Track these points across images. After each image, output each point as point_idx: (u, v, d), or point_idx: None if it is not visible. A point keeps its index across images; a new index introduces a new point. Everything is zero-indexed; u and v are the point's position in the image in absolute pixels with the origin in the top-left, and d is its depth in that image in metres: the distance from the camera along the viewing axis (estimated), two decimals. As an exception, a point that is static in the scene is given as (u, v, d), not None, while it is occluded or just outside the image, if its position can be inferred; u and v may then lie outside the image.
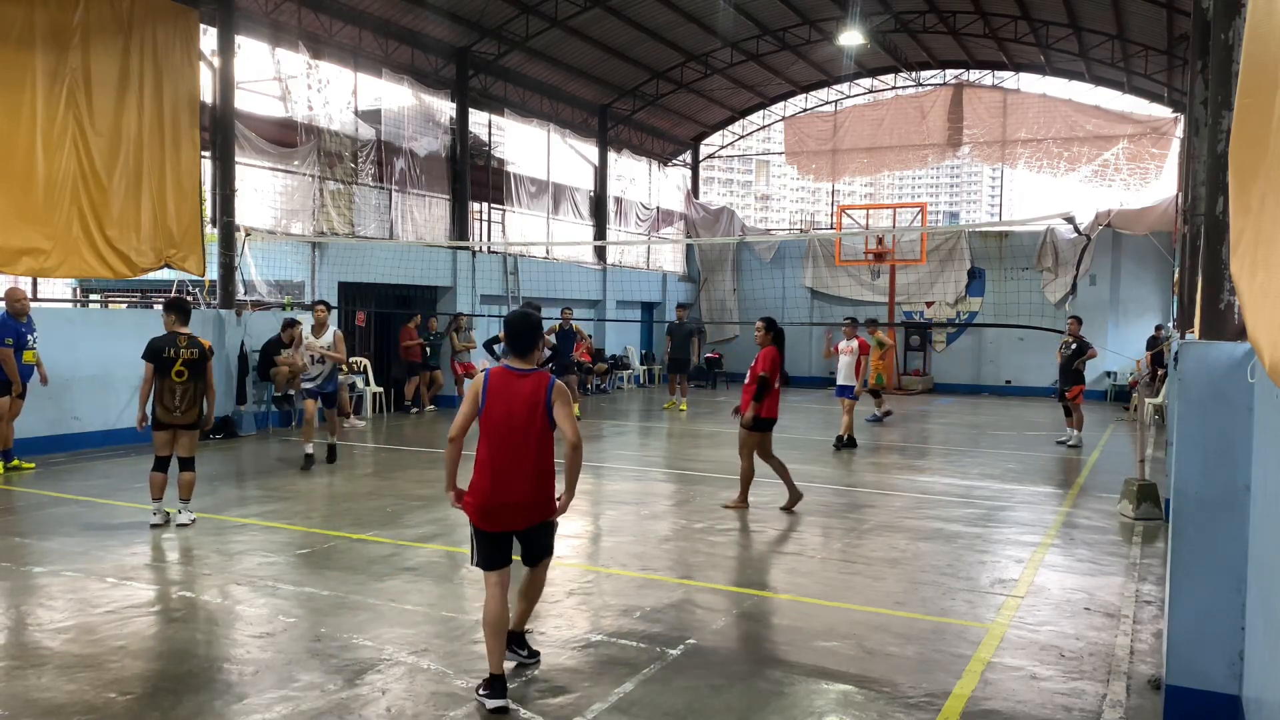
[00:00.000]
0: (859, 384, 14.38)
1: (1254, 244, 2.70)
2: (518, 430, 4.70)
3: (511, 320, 4.93)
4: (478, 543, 4.80)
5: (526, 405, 4.71)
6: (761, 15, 22.38)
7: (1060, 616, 6.15)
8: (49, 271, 12.46)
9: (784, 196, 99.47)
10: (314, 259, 16.27)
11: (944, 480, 11.35)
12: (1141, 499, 9.18)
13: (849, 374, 14.36)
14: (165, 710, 4.47)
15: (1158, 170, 23.96)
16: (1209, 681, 4.37)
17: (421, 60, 19.48)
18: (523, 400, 4.72)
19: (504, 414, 4.72)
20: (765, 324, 9.46)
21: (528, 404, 4.72)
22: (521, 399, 4.72)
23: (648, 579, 6.89)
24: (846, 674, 5.09)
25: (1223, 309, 4.64)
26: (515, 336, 4.87)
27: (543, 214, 23.40)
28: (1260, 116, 2.62)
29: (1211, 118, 4.88)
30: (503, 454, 4.69)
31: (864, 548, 7.93)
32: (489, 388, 4.76)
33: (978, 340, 25.32)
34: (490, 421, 4.73)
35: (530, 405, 4.71)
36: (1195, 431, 4.44)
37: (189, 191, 14.06)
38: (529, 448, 4.71)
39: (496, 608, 4.67)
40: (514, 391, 4.74)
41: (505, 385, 4.76)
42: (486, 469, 4.70)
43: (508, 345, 4.90)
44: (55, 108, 12.21)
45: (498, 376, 4.79)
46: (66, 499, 9.26)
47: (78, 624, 5.66)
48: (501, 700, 4.52)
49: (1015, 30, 22.51)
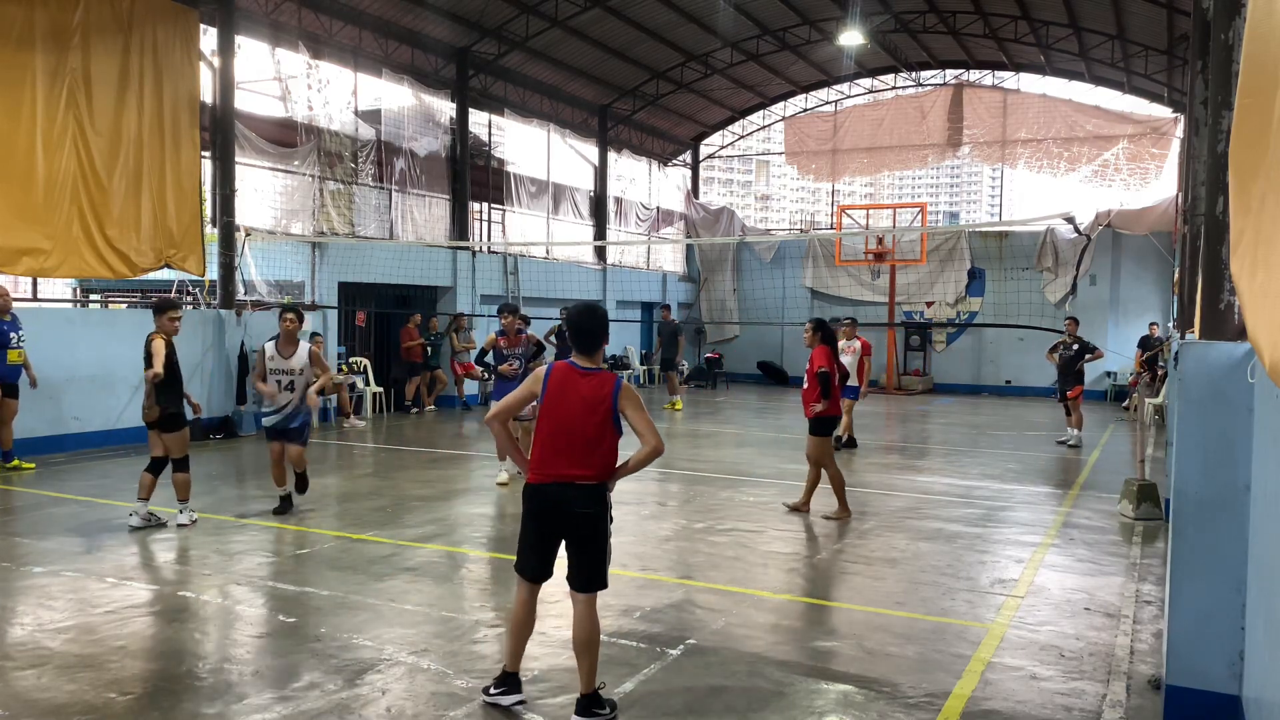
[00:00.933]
0: (864, 385, 14.21)
1: (1254, 244, 2.70)
2: (576, 432, 4.44)
3: (574, 316, 4.62)
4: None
5: (587, 406, 4.44)
6: (761, 15, 22.38)
7: (1060, 616, 6.15)
8: (49, 271, 12.46)
9: (784, 196, 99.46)
10: (314, 259, 16.27)
11: (944, 480, 11.35)
12: (1141, 499, 9.17)
13: (851, 375, 14.24)
14: (165, 710, 4.47)
15: (1158, 170, 23.97)
16: (1209, 681, 4.37)
17: (421, 60, 19.49)
18: (583, 400, 4.45)
19: (565, 413, 4.46)
20: (814, 325, 9.24)
21: (588, 404, 4.44)
22: (582, 399, 4.45)
23: (648, 579, 6.88)
24: (846, 674, 5.09)
25: (1223, 309, 4.64)
26: (580, 333, 4.58)
27: (543, 214, 23.40)
28: (1260, 116, 2.62)
29: (1211, 118, 4.88)
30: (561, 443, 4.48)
31: (864, 548, 7.93)
32: (548, 381, 4.51)
33: (978, 340, 25.33)
34: (550, 419, 4.49)
35: (591, 406, 4.44)
36: (1195, 431, 4.44)
37: (189, 191, 14.06)
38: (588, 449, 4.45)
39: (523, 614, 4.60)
40: (575, 390, 4.48)
41: (568, 382, 4.50)
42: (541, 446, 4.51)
43: (572, 342, 4.63)
44: (55, 108, 12.21)
45: (560, 371, 4.53)
46: (66, 499, 9.25)
47: (78, 624, 5.66)
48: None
49: (1015, 30, 22.51)
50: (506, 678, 4.60)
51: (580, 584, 4.46)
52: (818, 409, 8.90)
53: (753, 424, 17.60)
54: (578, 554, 4.47)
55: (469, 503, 9.64)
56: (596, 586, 4.47)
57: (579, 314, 4.60)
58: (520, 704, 4.55)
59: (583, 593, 4.46)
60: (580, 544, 4.46)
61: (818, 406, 8.90)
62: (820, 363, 8.93)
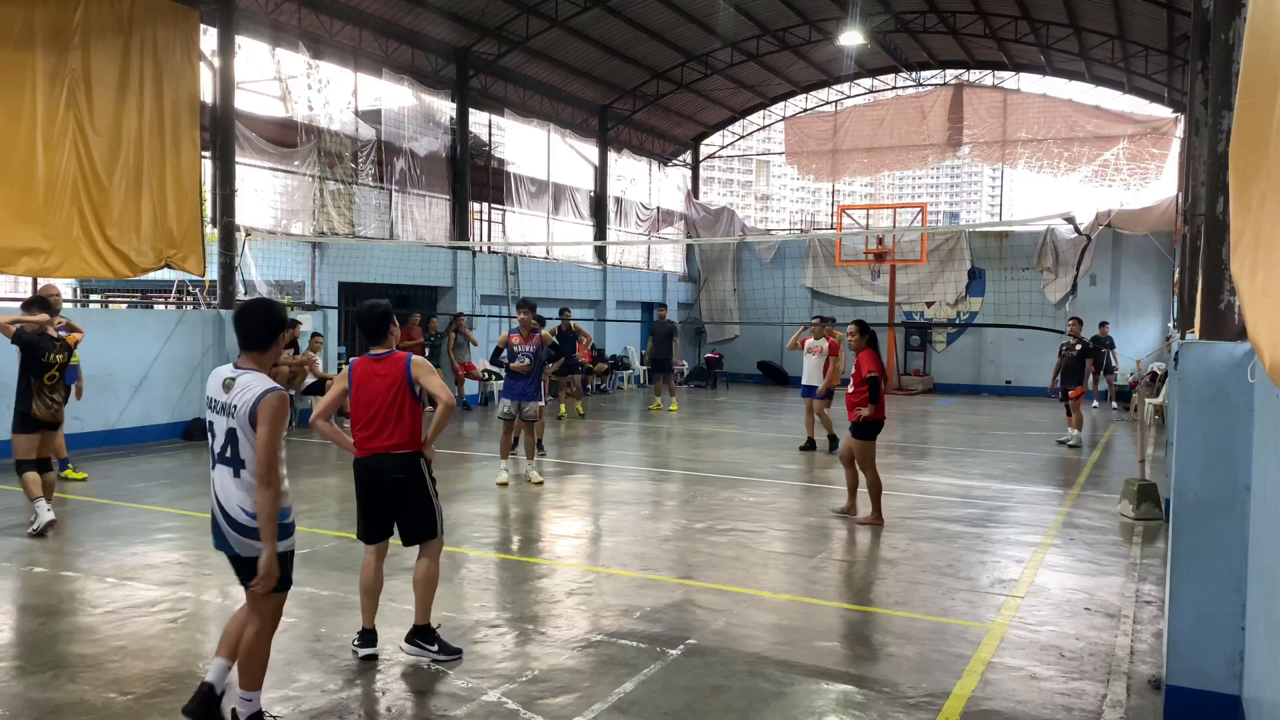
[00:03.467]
0: (825, 385, 13.37)
1: (1254, 244, 2.70)
2: (382, 407, 5.18)
3: (360, 312, 5.37)
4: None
5: (385, 384, 5.18)
6: (761, 15, 22.38)
7: (1060, 616, 6.15)
8: (49, 271, 12.45)
9: (784, 196, 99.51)
10: (314, 259, 16.27)
11: (944, 480, 11.35)
12: (1141, 499, 9.17)
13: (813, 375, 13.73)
14: (165, 710, 4.47)
15: (1158, 170, 23.96)
16: (1209, 681, 4.37)
17: (421, 60, 19.49)
18: (381, 379, 5.19)
19: (369, 395, 5.21)
20: (859, 327, 9.06)
21: (386, 383, 5.18)
22: (380, 378, 5.19)
23: (648, 579, 6.88)
24: (846, 674, 5.09)
25: (1223, 309, 4.64)
26: (365, 325, 5.32)
27: (543, 214, 23.40)
28: (1260, 116, 2.62)
29: (1211, 118, 4.88)
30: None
31: (864, 548, 7.93)
32: (352, 374, 5.27)
33: (978, 340, 25.33)
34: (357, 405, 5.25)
35: (389, 384, 5.18)
36: (1195, 431, 4.44)
37: (189, 191, 14.06)
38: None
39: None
40: (374, 373, 5.23)
41: (367, 369, 5.26)
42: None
43: (363, 334, 5.35)
44: (55, 108, 12.21)
45: (359, 363, 5.29)
46: (66, 499, 9.24)
47: (78, 624, 5.66)
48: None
49: (1015, 30, 22.50)
50: (364, 633, 5.25)
51: (409, 539, 5.26)
52: (864, 413, 8.76)
53: (753, 424, 17.60)
54: (402, 513, 5.23)
55: (469, 503, 9.64)
56: (426, 537, 5.26)
57: (363, 310, 5.32)
58: (372, 658, 5.15)
59: (414, 545, 5.27)
60: (403, 506, 5.21)
61: (864, 411, 8.76)
62: (869, 367, 8.81)
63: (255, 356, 4.17)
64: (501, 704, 4.61)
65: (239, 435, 4.06)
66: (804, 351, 13.85)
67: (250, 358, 4.17)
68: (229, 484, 4.10)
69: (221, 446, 4.12)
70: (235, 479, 4.08)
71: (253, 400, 4.01)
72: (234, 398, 4.07)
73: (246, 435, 4.03)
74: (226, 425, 4.09)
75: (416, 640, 5.18)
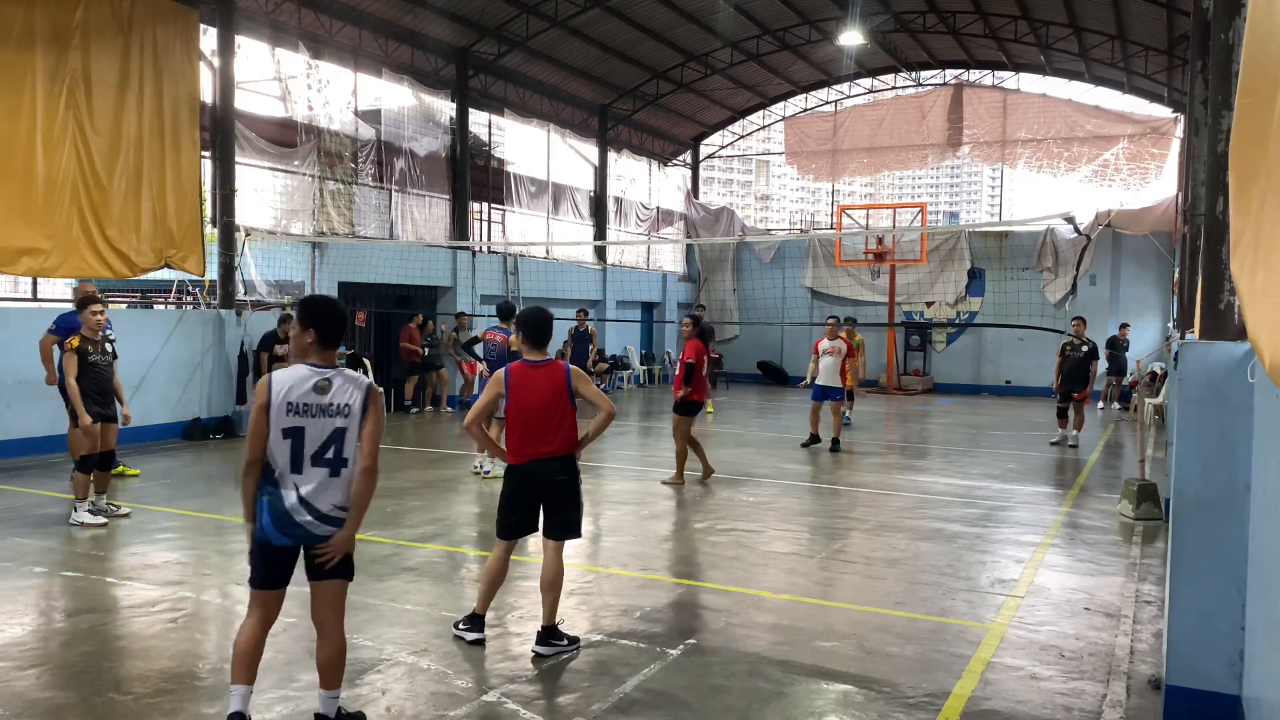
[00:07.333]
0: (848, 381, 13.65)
1: (1254, 244, 2.70)
2: (542, 414, 5.28)
3: (525, 317, 5.47)
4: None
5: (545, 392, 5.28)
6: (761, 15, 22.38)
7: (1060, 616, 6.15)
8: (49, 271, 12.45)
9: (784, 196, 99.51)
10: (314, 259, 16.27)
11: (944, 480, 11.35)
12: (1141, 499, 9.17)
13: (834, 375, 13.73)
14: (165, 710, 4.47)
15: (1158, 170, 23.96)
16: (1209, 681, 4.37)
17: (421, 60, 19.49)
18: (540, 388, 5.28)
19: (528, 402, 5.29)
20: (693, 320, 10.77)
21: (546, 391, 5.28)
22: (539, 387, 5.28)
23: (648, 579, 6.89)
24: (846, 674, 5.09)
25: (1223, 309, 4.64)
26: (530, 331, 5.41)
27: (543, 214, 23.40)
28: (1260, 116, 2.62)
29: (1211, 118, 4.89)
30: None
31: (864, 548, 7.93)
32: (509, 380, 5.31)
33: (978, 340, 25.33)
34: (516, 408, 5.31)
35: (548, 392, 5.29)
36: (1195, 431, 4.44)
37: (189, 191, 14.06)
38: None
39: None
40: (534, 381, 5.31)
41: (525, 377, 5.33)
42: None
43: (525, 340, 5.44)
44: (55, 108, 12.20)
45: (517, 370, 5.35)
46: (67, 499, 9.24)
47: (78, 624, 5.66)
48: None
49: (1015, 30, 22.51)
50: (474, 619, 5.41)
51: (558, 535, 5.36)
52: (680, 395, 10.43)
53: (752, 424, 17.60)
54: (555, 512, 5.34)
55: (469, 503, 9.64)
56: (574, 534, 5.41)
57: (528, 315, 5.45)
58: (479, 643, 5.31)
59: (556, 540, 5.35)
60: (557, 505, 5.34)
61: (681, 393, 10.39)
62: (689, 355, 10.26)
63: (328, 355, 4.13)
64: (501, 704, 4.61)
65: (346, 434, 4.04)
66: (819, 354, 13.67)
67: (325, 356, 4.11)
68: (325, 483, 4.01)
69: (320, 448, 4.00)
70: (334, 478, 4.03)
71: (363, 395, 4.07)
72: (336, 398, 4.02)
73: (355, 431, 4.05)
74: (333, 426, 4.01)
75: (550, 640, 5.27)
